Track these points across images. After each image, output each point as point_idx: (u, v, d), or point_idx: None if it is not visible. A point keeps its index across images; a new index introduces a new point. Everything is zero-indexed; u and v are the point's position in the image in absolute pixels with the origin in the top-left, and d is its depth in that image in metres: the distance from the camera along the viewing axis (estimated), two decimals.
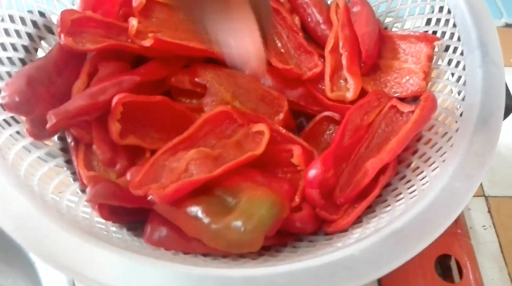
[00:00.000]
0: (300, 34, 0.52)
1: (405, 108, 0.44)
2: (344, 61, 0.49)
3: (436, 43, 0.49)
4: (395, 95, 0.48)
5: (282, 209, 0.37)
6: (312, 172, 0.39)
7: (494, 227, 0.62)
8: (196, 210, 0.36)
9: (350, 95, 0.48)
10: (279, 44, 0.52)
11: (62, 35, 0.44)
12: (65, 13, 0.45)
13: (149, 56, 0.50)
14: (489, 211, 0.63)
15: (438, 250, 0.53)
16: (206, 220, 0.36)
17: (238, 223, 0.35)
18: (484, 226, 0.62)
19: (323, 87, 0.52)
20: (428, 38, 0.49)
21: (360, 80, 0.48)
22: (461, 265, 0.52)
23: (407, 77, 0.49)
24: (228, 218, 0.35)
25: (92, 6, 0.50)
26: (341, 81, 0.50)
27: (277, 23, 0.53)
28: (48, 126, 0.39)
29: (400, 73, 0.49)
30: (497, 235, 0.61)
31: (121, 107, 0.42)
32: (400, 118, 0.45)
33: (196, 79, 0.49)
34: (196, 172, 0.39)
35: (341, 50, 0.49)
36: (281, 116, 0.48)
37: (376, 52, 0.50)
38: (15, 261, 0.55)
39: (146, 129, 0.45)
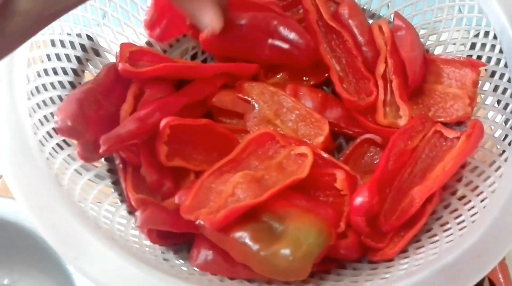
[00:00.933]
0: (359, 58, 0.52)
1: (450, 133, 0.44)
2: (395, 87, 0.48)
3: (481, 68, 0.48)
4: (439, 120, 0.48)
5: (329, 237, 0.37)
6: (359, 200, 0.39)
7: None
8: (244, 236, 0.37)
9: (402, 122, 0.47)
10: (337, 68, 0.52)
11: (120, 64, 0.47)
12: (124, 46, 0.48)
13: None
14: None
15: None
16: (254, 246, 0.36)
17: (287, 252, 0.35)
18: None
19: None
20: (473, 63, 0.48)
21: (410, 107, 0.48)
22: (496, 285, 0.51)
23: (452, 102, 0.48)
24: (277, 246, 0.35)
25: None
26: (388, 107, 0.49)
27: (337, 47, 0.53)
28: (101, 151, 0.40)
29: (444, 98, 0.49)
30: None
31: (168, 130, 0.43)
32: (445, 143, 0.44)
33: (240, 95, 0.50)
34: (243, 196, 0.39)
35: (391, 76, 0.49)
36: (321, 139, 0.48)
37: (422, 76, 0.49)
38: (50, 271, 0.56)
39: (190, 151, 0.46)
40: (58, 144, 0.42)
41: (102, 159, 0.47)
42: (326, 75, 0.54)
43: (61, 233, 0.33)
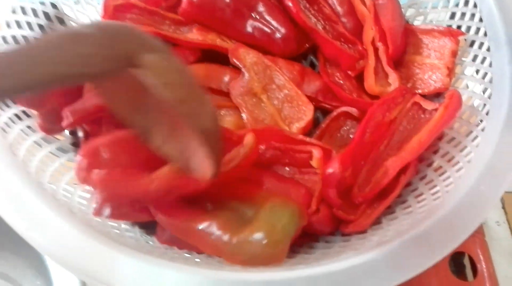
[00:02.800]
0: (340, 24, 0.50)
1: (428, 105, 0.42)
2: (382, 54, 0.47)
3: (461, 37, 0.47)
4: (417, 91, 0.47)
5: (303, 217, 0.35)
6: (330, 171, 0.38)
7: (508, 223, 0.60)
8: (210, 225, 0.33)
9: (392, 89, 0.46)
10: (322, 31, 0.50)
11: (102, 19, 0.46)
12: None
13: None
14: (503, 207, 0.61)
15: None
16: (224, 236, 0.33)
17: (260, 235, 0.32)
18: (497, 222, 0.60)
19: (340, 81, 0.51)
20: (453, 33, 0.47)
21: (398, 74, 0.47)
22: (476, 261, 0.51)
23: (430, 73, 0.47)
24: (249, 231, 0.33)
25: None
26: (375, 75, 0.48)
27: (312, 14, 0.52)
28: (64, 124, 0.38)
29: (422, 69, 0.48)
30: (511, 232, 0.60)
31: None
32: (423, 115, 0.43)
33: (234, 60, 0.48)
34: None
35: (377, 43, 0.47)
36: (302, 124, 0.47)
37: (403, 47, 0.48)
38: (25, 253, 0.55)
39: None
40: (16, 114, 0.40)
41: (66, 132, 0.45)
42: (306, 45, 0.52)
43: (12, 202, 0.31)
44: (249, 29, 0.50)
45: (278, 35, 0.50)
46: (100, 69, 0.28)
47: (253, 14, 0.50)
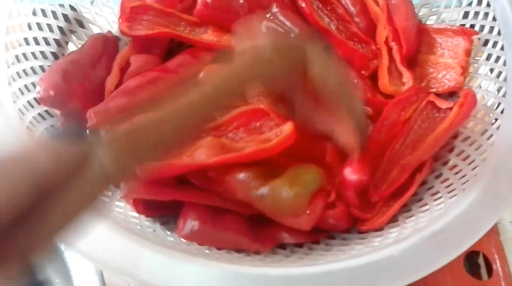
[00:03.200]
0: (353, 24, 0.51)
1: (443, 104, 0.43)
2: (395, 53, 0.47)
3: (474, 37, 0.47)
4: (431, 90, 0.47)
5: (324, 179, 0.38)
6: (351, 176, 0.38)
7: None
8: (244, 174, 0.37)
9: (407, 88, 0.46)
10: (336, 32, 0.51)
11: (119, 21, 0.47)
12: (124, 1, 0.47)
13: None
14: None
15: None
16: (254, 183, 0.37)
17: (285, 187, 0.36)
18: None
19: (354, 81, 0.51)
20: (466, 32, 0.47)
21: (412, 73, 0.47)
22: (491, 261, 0.51)
23: (444, 72, 0.47)
24: (277, 182, 0.37)
25: None
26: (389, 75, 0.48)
27: (325, 14, 0.52)
28: (89, 124, 0.39)
29: (436, 68, 0.48)
30: None
31: None
32: (437, 114, 0.43)
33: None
34: (197, 158, 0.39)
35: (391, 43, 0.48)
36: None
37: (416, 46, 0.48)
38: None
39: None
40: (40, 114, 0.41)
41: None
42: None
43: None
44: (264, 29, 0.51)
45: (291, 35, 0.50)
46: (285, 82, 0.35)
47: (267, 15, 0.51)
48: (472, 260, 0.52)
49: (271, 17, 0.51)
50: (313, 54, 0.35)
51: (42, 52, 0.46)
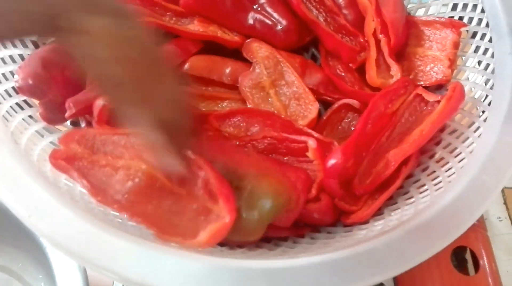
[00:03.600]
0: (341, 16, 0.50)
1: (430, 97, 0.42)
2: (383, 45, 0.47)
3: (463, 29, 0.46)
4: (419, 83, 0.46)
5: (288, 200, 0.36)
6: (332, 162, 0.38)
7: (510, 219, 0.61)
8: None
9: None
10: (324, 24, 0.50)
11: None
12: None
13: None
14: (505, 203, 0.62)
15: (454, 241, 0.51)
16: None
17: (242, 213, 0.34)
18: (499, 217, 0.60)
19: (342, 74, 0.51)
20: (455, 24, 0.47)
21: (400, 66, 0.47)
22: (478, 256, 0.51)
23: (432, 65, 0.47)
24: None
25: None
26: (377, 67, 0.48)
27: (313, 6, 0.52)
28: (67, 114, 0.38)
29: (424, 61, 0.47)
30: None
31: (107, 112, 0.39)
32: (425, 107, 0.43)
33: (245, 54, 0.49)
34: None
35: (379, 35, 0.47)
36: (306, 121, 0.47)
37: (405, 38, 0.48)
38: (25, 246, 0.55)
39: None
40: (17, 104, 0.40)
41: (68, 123, 0.45)
42: (308, 39, 0.52)
43: (14, 191, 0.31)
44: (251, 21, 0.50)
45: (279, 27, 0.50)
46: (17, 28, 0.22)
47: (254, 6, 0.50)
48: (459, 256, 0.52)
49: (259, 8, 0.50)
50: (98, 9, 0.22)
51: (21, 41, 0.44)
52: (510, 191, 0.62)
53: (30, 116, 0.40)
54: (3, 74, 0.40)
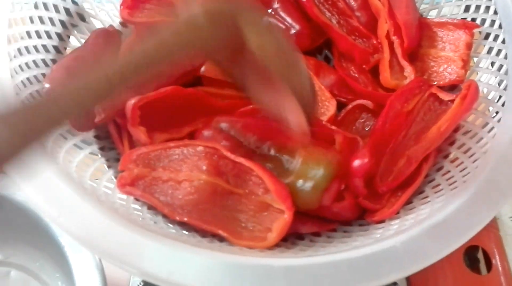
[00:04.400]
0: (354, 18, 0.51)
1: (445, 96, 0.43)
2: (397, 47, 0.48)
3: (475, 30, 0.47)
4: (433, 83, 0.47)
5: (337, 168, 0.38)
6: (359, 162, 0.38)
7: None
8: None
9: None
10: (337, 26, 0.51)
11: (121, 7, 0.48)
12: None
13: None
14: None
15: (467, 241, 0.52)
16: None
17: (298, 182, 0.37)
18: (511, 217, 0.60)
19: (355, 75, 0.51)
20: (467, 25, 0.47)
21: (414, 67, 0.47)
22: (490, 256, 0.51)
23: (445, 66, 0.47)
24: (288, 180, 0.37)
25: None
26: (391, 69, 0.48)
27: (326, 8, 0.52)
28: (97, 120, 0.39)
29: (437, 62, 0.48)
30: None
31: (138, 111, 0.41)
32: (440, 106, 0.44)
33: None
34: None
35: (392, 37, 0.48)
36: (325, 118, 0.47)
37: (418, 40, 0.48)
38: (42, 245, 0.55)
39: (167, 120, 0.44)
40: None
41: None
42: (321, 41, 0.53)
43: (43, 192, 0.32)
44: None
45: (292, 31, 0.50)
46: (220, 44, 0.32)
47: (268, 11, 0.51)
48: (472, 255, 0.52)
49: (272, 13, 0.51)
50: (251, 23, 0.32)
51: (44, 46, 0.46)
52: None
53: None
54: (28, 78, 0.41)
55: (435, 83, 0.47)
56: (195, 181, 0.38)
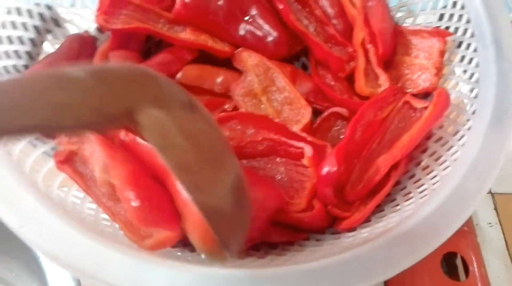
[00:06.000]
0: (331, 26, 0.51)
1: (418, 103, 0.43)
2: (372, 55, 0.48)
3: (448, 38, 0.47)
4: (407, 91, 0.47)
5: None
6: (326, 170, 0.38)
7: (500, 224, 0.61)
8: None
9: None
10: (314, 34, 0.51)
11: (97, 12, 0.46)
12: None
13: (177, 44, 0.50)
14: (495, 208, 0.62)
15: (444, 247, 0.51)
16: None
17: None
18: (490, 223, 0.61)
19: (331, 83, 0.51)
20: (441, 33, 0.48)
21: (389, 75, 0.48)
22: (467, 262, 0.52)
23: (419, 73, 0.48)
24: None
25: None
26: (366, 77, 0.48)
27: (304, 16, 0.53)
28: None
29: (411, 69, 0.48)
30: (503, 233, 0.61)
31: None
32: (414, 114, 0.44)
33: (235, 64, 0.50)
34: None
35: (367, 45, 0.48)
36: (300, 126, 0.47)
37: (393, 48, 0.49)
38: (19, 255, 0.55)
39: None
40: None
41: None
42: (299, 48, 0.53)
43: (6, 201, 0.31)
44: (242, 32, 0.51)
45: (270, 38, 0.50)
46: (85, 123, 0.23)
47: (245, 18, 0.51)
48: (450, 262, 0.53)
49: (250, 20, 0.51)
50: (157, 100, 0.24)
51: (15, 51, 0.45)
52: (501, 196, 0.63)
53: None
54: None
55: (409, 90, 0.48)
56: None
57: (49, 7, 0.51)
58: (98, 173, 0.35)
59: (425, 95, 0.48)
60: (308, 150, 0.41)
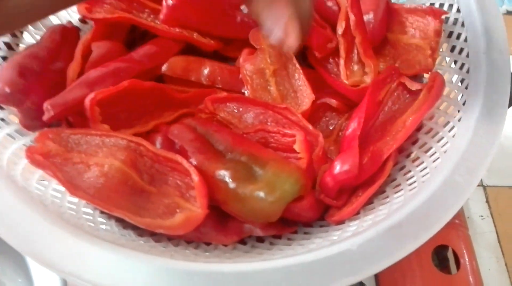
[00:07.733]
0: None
1: (413, 85, 0.42)
2: (358, 44, 0.46)
3: (443, 16, 0.46)
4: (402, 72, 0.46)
5: (303, 187, 0.37)
6: (346, 168, 0.38)
7: (492, 217, 0.61)
8: (224, 174, 0.37)
9: (369, 79, 0.45)
10: None
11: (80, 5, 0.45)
12: None
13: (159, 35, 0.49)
14: (487, 201, 0.62)
15: (436, 240, 0.51)
16: (232, 184, 0.36)
17: (261, 194, 0.35)
18: (481, 216, 0.61)
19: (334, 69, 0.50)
20: (435, 12, 0.46)
21: (377, 62, 0.46)
22: (459, 255, 0.51)
23: (414, 53, 0.47)
24: (253, 187, 0.36)
25: None
26: (354, 64, 0.47)
27: None
28: (45, 117, 0.38)
29: (407, 49, 0.47)
30: (495, 225, 0.60)
31: (98, 109, 0.40)
32: (408, 96, 0.43)
33: (251, 41, 0.49)
34: None
35: (353, 33, 0.47)
36: (299, 110, 0.46)
37: (383, 32, 0.47)
38: (3, 249, 0.54)
39: (130, 115, 0.43)
40: None
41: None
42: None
43: None
44: (238, 21, 0.50)
45: None
46: None
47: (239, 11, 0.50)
48: (441, 254, 0.52)
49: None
50: None
51: None
52: (492, 189, 0.63)
53: (2, 119, 0.40)
54: None
55: (405, 71, 0.46)
56: (106, 166, 0.36)
57: None
58: None
59: (418, 76, 0.47)
60: (299, 136, 0.40)
